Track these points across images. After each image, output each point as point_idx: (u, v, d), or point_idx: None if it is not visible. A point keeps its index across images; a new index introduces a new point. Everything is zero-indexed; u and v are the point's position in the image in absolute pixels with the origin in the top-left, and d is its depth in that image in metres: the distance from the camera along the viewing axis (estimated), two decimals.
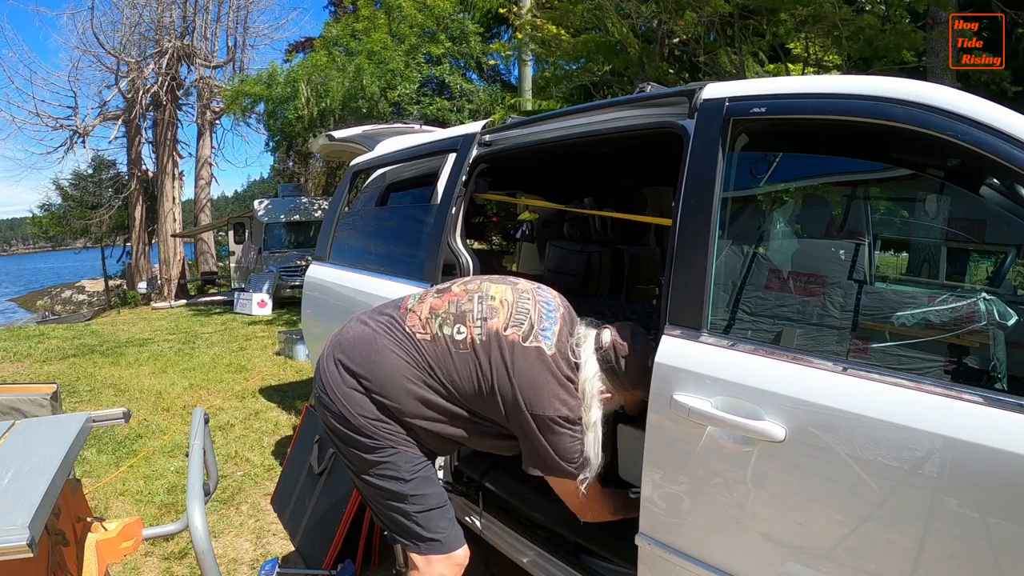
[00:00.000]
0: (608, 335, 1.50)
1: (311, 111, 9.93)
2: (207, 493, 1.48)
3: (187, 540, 2.55)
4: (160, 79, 16.52)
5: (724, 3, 4.64)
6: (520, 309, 1.49)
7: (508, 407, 1.42)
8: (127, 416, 1.62)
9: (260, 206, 13.98)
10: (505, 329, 1.44)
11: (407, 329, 1.48)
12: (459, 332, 1.45)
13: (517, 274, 2.77)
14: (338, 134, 3.37)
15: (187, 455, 1.56)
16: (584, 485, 1.46)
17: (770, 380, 1.21)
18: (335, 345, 1.52)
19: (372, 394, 1.44)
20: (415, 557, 1.49)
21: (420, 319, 1.49)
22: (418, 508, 1.46)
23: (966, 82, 4.62)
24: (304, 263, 11.20)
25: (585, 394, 1.45)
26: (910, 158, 1.41)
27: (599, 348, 1.48)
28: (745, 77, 5.04)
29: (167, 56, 16.64)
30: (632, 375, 1.47)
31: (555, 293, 1.60)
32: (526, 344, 1.43)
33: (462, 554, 1.51)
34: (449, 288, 1.57)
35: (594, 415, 1.44)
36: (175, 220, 17.20)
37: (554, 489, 1.55)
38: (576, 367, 1.46)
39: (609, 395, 1.48)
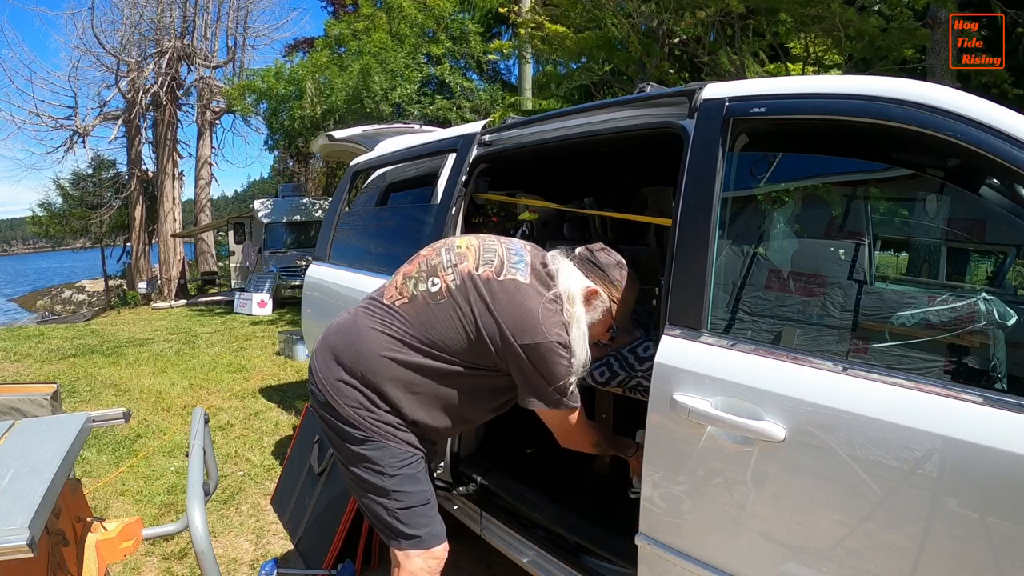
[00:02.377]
0: (579, 247, 1.55)
1: (315, 110, 9.94)
2: (207, 493, 1.48)
3: (187, 540, 2.55)
4: (160, 79, 16.52)
5: (737, 3, 4.63)
6: (487, 249, 1.50)
7: (498, 345, 1.41)
8: (127, 416, 1.62)
9: (260, 206, 13.98)
10: (477, 269, 1.45)
11: (385, 302, 1.49)
12: (433, 284, 1.45)
13: None
14: (338, 134, 3.37)
15: (187, 455, 1.56)
16: (575, 414, 1.49)
17: (770, 380, 1.21)
18: (323, 337, 1.54)
19: (357, 378, 1.43)
20: (394, 551, 1.50)
21: (396, 287, 1.50)
22: (399, 504, 1.46)
23: (967, 84, 4.62)
24: (304, 263, 11.21)
25: (567, 297, 1.43)
26: (910, 158, 1.41)
27: (572, 256, 1.52)
28: (745, 77, 5.04)
29: (167, 56, 16.64)
30: (610, 262, 1.52)
31: (518, 240, 1.62)
32: (501, 278, 1.43)
33: (441, 550, 1.51)
34: (418, 253, 1.58)
35: (577, 311, 1.43)
36: (175, 220, 17.19)
37: (541, 417, 1.53)
38: (553, 285, 1.46)
39: (592, 288, 1.48)
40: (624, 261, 1.55)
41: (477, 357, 1.44)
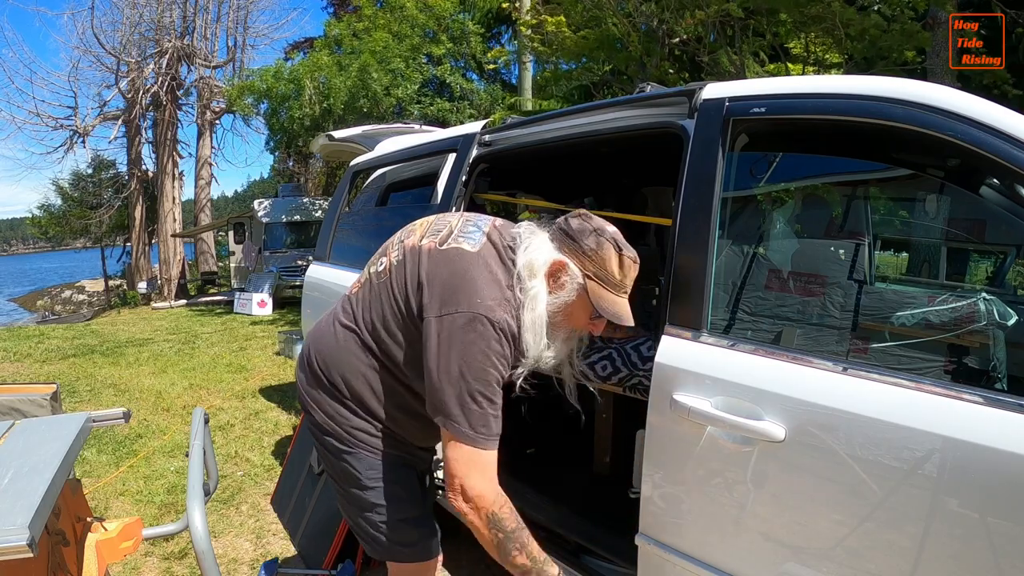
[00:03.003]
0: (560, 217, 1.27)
1: (314, 110, 9.94)
2: (207, 493, 1.48)
3: (187, 540, 2.55)
4: (160, 79, 16.52)
5: (735, 7, 4.64)
6: (440, 222, 1.31)
7: (421, 315, 1.17)
8: (127, 416, 1.62)
9: (260, 206, 13.99)
10: (421, 240, 1.27)
11: (347, 294, 1.39)
12: (380, 264, 1.32)
13: None
14: (338, 134, 3.37)
15: (187, 455, 1.56)
16: (484, 457, 1.13)
17: (770, 380, 1.21)
18: (304, 346, 1.46)
19: (327, 379, 1.32)
20: (389, 563, 1.41)
21: (358, 278, 1.40)
22: (381, 518, 1.34)
23: (967, 85, 4.62)
24: (304, 263, 11.21)
25: (525, 269, 1.18)
26: (910, 158, 1.41)
27: (548, 227, 1.26)
28: (745, 77, 5.04)
29: (167, 56, 16.65)
30: (585, 227, 1.20)
31: (492, 217, 1.38)
32: (443, 247, 1.22)
33: (433, 562, 1.41)
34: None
35: (535, 287, 1.17)
36: (175, 220, 17.20)
37: (443, 448, 1.18)
38: (513, 260, 1.21)
39: (559, 260, 1.19)
40: (606, 228, 1.23)
41: (415, 350, 1.22)
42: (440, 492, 1.98)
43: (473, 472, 1.14)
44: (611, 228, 1.24)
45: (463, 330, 1.12)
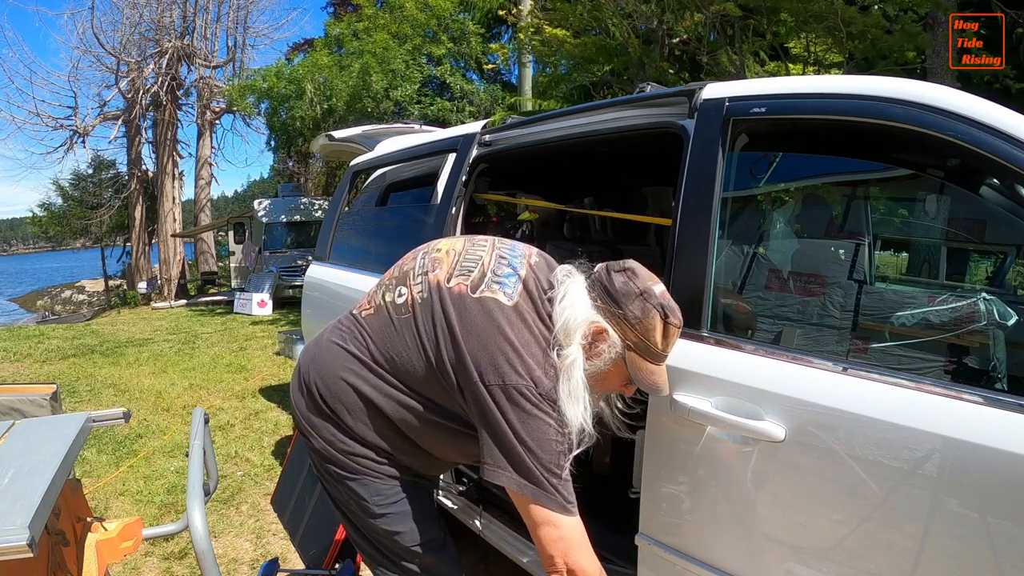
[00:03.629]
0: (601, 265, 1.16)
1: (315, 110, 9.94)
2: (207, 493, 1.48)
3: (187, 540, 2.55)
4: (160, 79, 16.53)
5: (733, 6, 4.64)
6: (470, 256, 1.19)
7: (461, 380, 1.09)
8: (127, 416, 1.62)
9: (260, 206, 13.99)
10: (449, 280, 1.15)
11: (353, 313, 1.29)
12: (400, 295, 1.19)
13: None
14: (338, 134, 3.37)
15: (187, 455, 1.56)
16: (568, 518, 1.06)
17: (770, 380, 1.21)
18: (298, 366, 1.36)
19: (328, 408, 1.22)
20: None
21: (368, 295, 1.29)
22: (397, 547, 1.25)
23: (967, 82, 4.62)
24: (304, 263, 11.20)
25: (563, 331, 1.08)
26: (910, 158, 1.41)
27: (590, 274, 1.16)
28: (745, 77, 5.04)
29: (167, 56, 16.65)
30: (630, 290, 1.08)
31: (525, 244, 1.27)
32: (476, 295, 1.11)
33: None
34: (404, 256, 1.33)
35: (572, 353, 1.06)
36: (175, 220, 17.20)
37: (518, 508, 1.11)
38: (550, 314, 1.11)
39: (599, 326, 1.09)
40: (653, 290, 1.09)
41: (440, 396, 1.15)
42: (440, 487, 1.97)
43: (575, 547, 1.06)
44: (659, 289, 1.11)
45: (520, 405, 1.04)
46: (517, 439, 1.04)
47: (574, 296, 1.10)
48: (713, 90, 1.45)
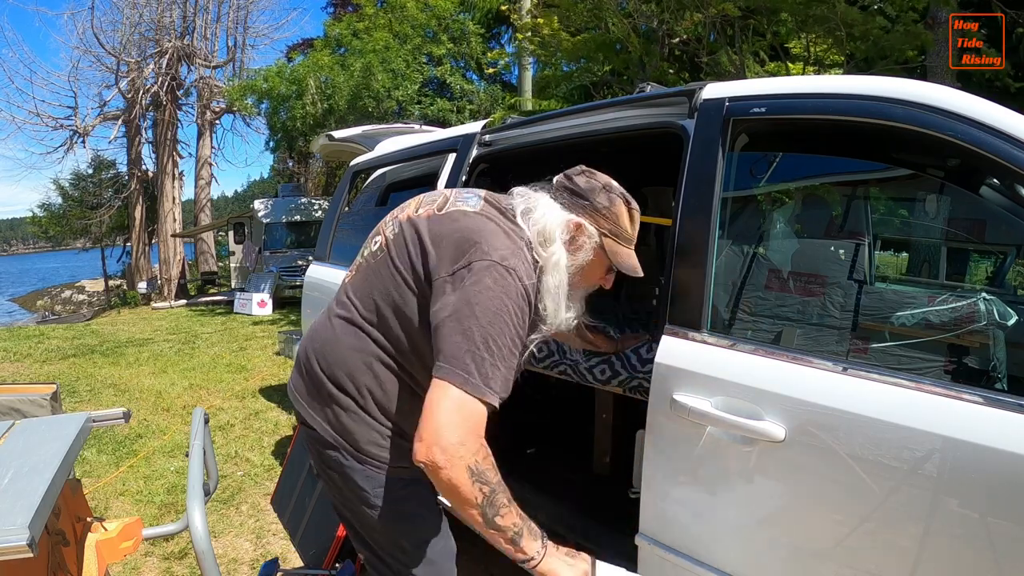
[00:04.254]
0: (558, 176, 1.23)
1: (316, 109, 9.94)
2: (207, 493, 1.48)
3: (187, 540, 2.55)
4: (160, 79, 16.53)
5: (733, 7, 4.64)
6: (433, 195, 1.25)
7: (432, 280, 1.08)
8: (127, 416, 1.62)
9: (260, 206, 13.99)
10: (416, 211, 1.20)
11: (340, 287, 1.29)
12: (375, 244, 1.23)
13: None
14: (338, 134, 3.37)
15: (187, 455, 1.56)
16: (476, 409, 0.97)
17: (770, 380, 1.21)
18: (296, 356, 1.33)
19: (328, 382, 1.19)
20: None
21: (350, 269, 1.30)
22: (397, 543, 1.23)
23: (967, 81, 4.62)
24: (304, 263, 11.20)
25: (539, 236, 1.13)
26: (910, 158, 1.41)
27: (547, 189, 1.22)
28: (745, 77, 5.04)
29: (167, 56, 16.65)
30: (594, 185, 1.18)
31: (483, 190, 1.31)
32: (441, 212, 1.16)
33: None
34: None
35: (555, 252, 1.12)
36: (175, 220, 17.20)
37: (427, 403, 0.99)
38: (515, 216, 1.16)
39: (576, 222, 1.16)
40: (612, 183, 1.21)
41: (423, 313, 1.12)
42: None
43: (458, 419, 0.96)
44: (615, 182, 1.22)
45: (479, 277, 1.02)
46: (459, 309, 1.01)
47: (544, 204, 1.18)
48: (713, 90, 1.45)
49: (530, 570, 1.03)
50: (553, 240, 1.13)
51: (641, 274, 1.21)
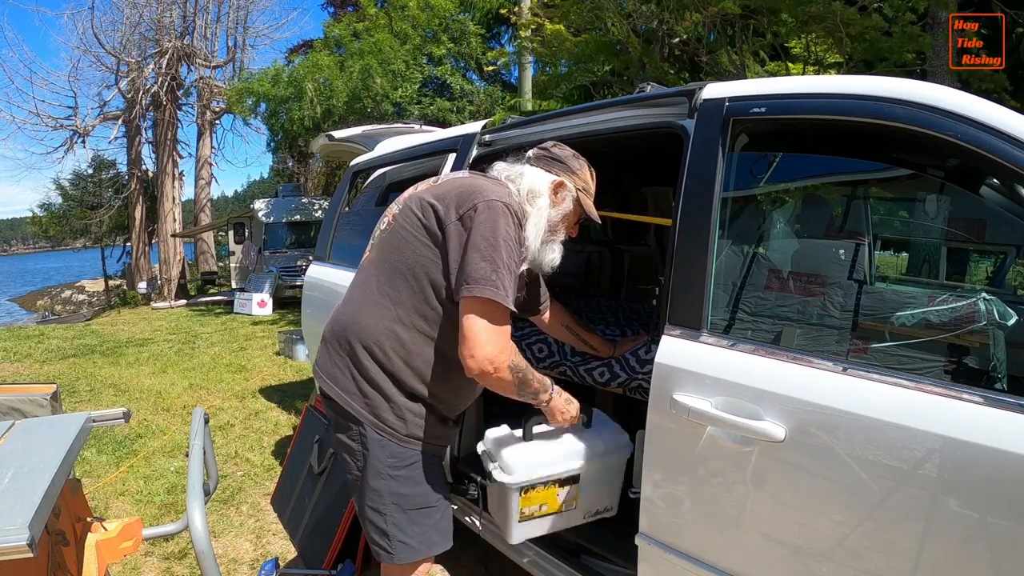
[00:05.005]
0: (531, 150, 1.51)
1: (314, 110, 9.94)
2: (207, 493, 1.48)
3: (187, 540, 2.55)
4: (160, 79, 16.52)
5: (732, 4, 4.63)
6: (427, 178, 1.49)
7: (440, 228, 1.30)
8: (127, 416, 1.62)
9: (260, 206, 13.98)
10: (415, 189, 1.44)
11: (360, 265, 1.49)
12: (382, 223, 1.46)
13: None
14: (338, 134, 3.37)
15: (187, 455, 1.56)
16: (501, 314, 1.24)
17: (770, 380, 1.21)
18: (325, 330, 1.48)
19: (351, 350, 1.35)
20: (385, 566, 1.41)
21: (365, 253, 1.50)
22: (400, 510, 1.36)
23: (965, 87, 4.61)
24: (304, 263, 11.20)
25: (528, 193, 1.40)
26: (910, 158, 1.41)
27: (524, 159, 1.49)
28: (745, 77, 5.04)
29: (167, 56, 16.64)
30: (567, 153, 1.49)
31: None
32: (438, 182, 1.42)
33: (426, 565, 1.44)
34: None
35: (541, 204, 1.39)
36: (175, 220, 17.19)
37: (463, 318, 1.25)
38: (498, 179, 1.43)
39: (559, 180, 1.44)
40: (576, 152, 1.53)
41: (436, 265, 1.31)
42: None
43: (496, 333, 1.25)
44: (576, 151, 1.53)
45: (484, 215, 1.26)
46: (474, 239, 1.25)
47: (528, 170, 1.45)
48: (713, 90, 1.45)
49: (544, 408, 1.43)
50: (541, 195, 1.40)
51: (599, 220, 1.52)
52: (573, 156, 1.50)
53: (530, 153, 1.50)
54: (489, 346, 1.23)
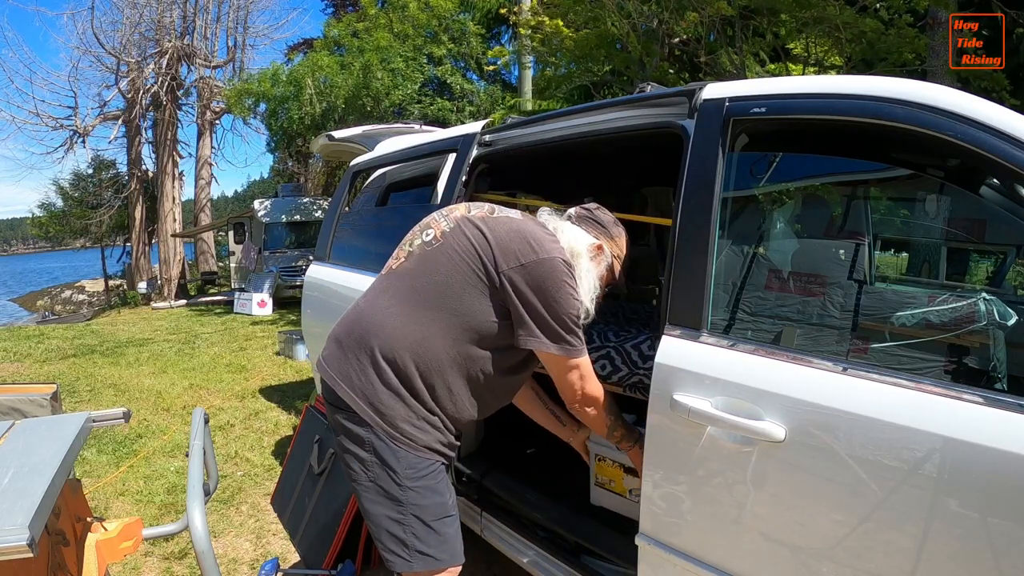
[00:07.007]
0: (573, 208, 1.56)
1: (314, 110, 9.93)
2: (207, 493, 1.48)
3: (187, 540, 2.55)
4: (160, 79, 16.52)
5: (727, 5, 4.64)
6: (476, 204, 1.49)
7: (500, 269, 1.31)
8: (127, 416, 1.62)
9: (260, 206, 13.98)
10: (468, 212, 1.43)
11: (384, 272, 1.46)
12: (427, 235, 1.42)
13: None
14: (338, 134, 3.37)
15: (187, 455, 1.56)
16: (583, 361, 1.39)
17: (770, 380, 1.21)
18: (331, 336, 1.45)
19: (373, 360, 1.32)
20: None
21: (394, 257, 1.48)
22: (414, 521, 1.32)
23: (965, 86, 4.61)
24: (304, 263, 11.20)
25: (570, 252, 1.40)
26: (910, 158, 1.41)
27: (567, 216, 1.53)
28: (745, 77, 5.04)
29: (167, 56, 16.64)
30: (609, 219, 1.53)
31: None
32: (494, 216, 1.41)
33: (456, 570, 1.40)
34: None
35: (583, 265, 1.41)
36: (175, 220, 17.20)
37: (546, 365, 1.40)
38: (547, 228, 1.44)
39: (598, 244, 1.46)
40: (617, 218, 1.58)
41: (481, 297, 1.32)
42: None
43: (590, 380, 1.42)
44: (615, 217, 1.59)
45: (549, 275, 1.31)
46: (542, 301, 1.31)
47: (571, 228, 1.48)
48: (713, 90, 1.45)
49: (626, 451, 1.60)
50: (580, 255, 1.42)
51: (626, 289, 1.61)
52: (614, 223, 1.54)
53: (571, 211, 1.53)
54: (586, 392, 1.43)
